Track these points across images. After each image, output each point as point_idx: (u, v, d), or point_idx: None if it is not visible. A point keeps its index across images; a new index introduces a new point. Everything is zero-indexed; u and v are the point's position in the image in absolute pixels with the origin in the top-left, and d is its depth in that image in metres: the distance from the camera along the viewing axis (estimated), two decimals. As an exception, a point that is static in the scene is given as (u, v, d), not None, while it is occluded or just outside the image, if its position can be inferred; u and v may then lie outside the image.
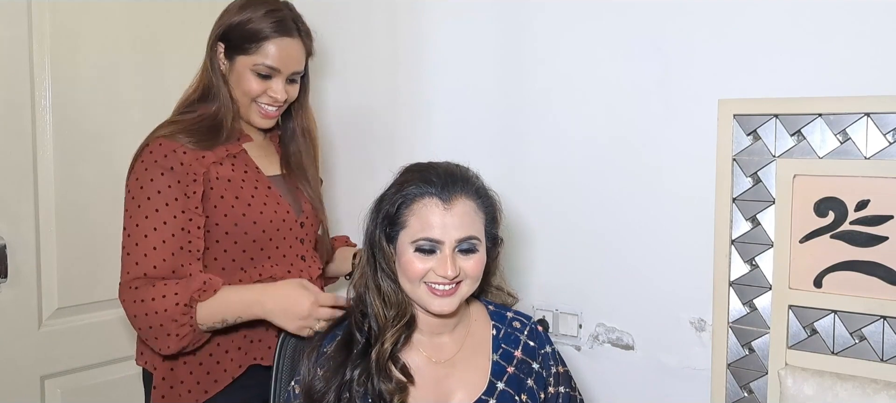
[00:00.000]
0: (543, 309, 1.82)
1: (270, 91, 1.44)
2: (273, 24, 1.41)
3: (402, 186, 1.20)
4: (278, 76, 1.44)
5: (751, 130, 1.52)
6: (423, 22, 1.93)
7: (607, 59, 1.69)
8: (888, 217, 1.41)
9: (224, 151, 1.43)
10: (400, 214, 1.19)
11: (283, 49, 1.42)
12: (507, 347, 1.27)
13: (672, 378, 1.66)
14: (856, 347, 1.45)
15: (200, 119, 1.42)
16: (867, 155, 1.42)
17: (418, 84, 1.96)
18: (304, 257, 1.51)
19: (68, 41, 1.73)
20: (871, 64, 1.41)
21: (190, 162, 1.36)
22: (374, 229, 1.22)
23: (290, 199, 1.51)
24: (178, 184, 1.35)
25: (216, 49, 1.45)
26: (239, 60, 1.43)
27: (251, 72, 1.42)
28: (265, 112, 1.46)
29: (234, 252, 1.41)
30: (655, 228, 1.65)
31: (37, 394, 1.73)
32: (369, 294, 1.21)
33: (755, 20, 1.51)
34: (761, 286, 1.53)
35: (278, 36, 1.42)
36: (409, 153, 1.94)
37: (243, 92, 1.44)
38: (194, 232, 1.36)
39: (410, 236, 1.17)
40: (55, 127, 1.71)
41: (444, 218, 1.17)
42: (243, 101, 1.45)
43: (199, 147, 1.38)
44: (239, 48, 1.42)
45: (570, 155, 1.75)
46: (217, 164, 1.41)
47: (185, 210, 1.35)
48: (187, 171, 1.36)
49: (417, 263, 1.17)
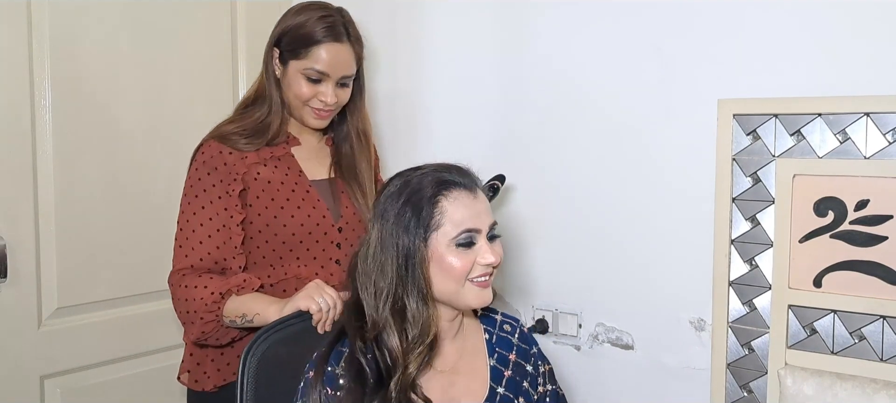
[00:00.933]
0: (543, 309, 1.82)
1: (320, 95, 1.47)
2: (323, 29, 1.45)
3: (421, 190, 1.13)
4: (328, 80, 1.47)
5: (751, 130, 1.52)
6: (423, 23, 1.93)
7: (607, 58, 1.69)
8: (888, 217, 1.41)
9: (269, 153, 1.49)
10: (430, 217, 1.12)
11: (332, 54, 1.46)
12: (501, 351, 1.26)
13: (672, 378, 1.66)
14: (855, 347, 1.45)
15: (252, 120, 1.49)
16: (867, 155, 1.42)
17: (418, 85, 1.96)
18: (338, 261, 1.51)
19: (68, 41, 1.73)
20: (871, 64, 1.41)
21: (233, 162, 1.45)
22: (413, 241, 1.11)
23: (331, 203, 1.53)
24: (221, 182, 1.44)
25: (272, 54, 1.50)
26: (291, 65, 1.47)
27: (302, 76, 1.46)
28: (317, 113, 1.49)
29: (265, 249, 1.47)
30: (655, 228, 1.66)
31: (37, 394, 1.73)
32: (388, 321, 1.12)
33: (755, 20, 1.52)
34: (761, 286, 1.53)
35: (328, 41, 1.45)
36: (410, 154, 1.96)
37: (295, 95, 1.48)
38: (234, 229, 1.44)
39: (448, 235, 1.12)
40: (55, 127, 1.71)
41: (475, 206, 1.14)
42: (296, 104, 1.49)
43: (245, 148, 1.46)
44: (291, 53, 1.47)
45: (570, 155, 1.75)
46: (259, 165, 1.47)
47: (227, 207, 1.44)
48: (230, 171, 1.44)
49: (462, 260, 1.12)
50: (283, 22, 1.50)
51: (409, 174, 1.18)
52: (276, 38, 1.50)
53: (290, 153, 1.52)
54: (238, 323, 1.40)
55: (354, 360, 1.12)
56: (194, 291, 1.40)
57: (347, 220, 1.54)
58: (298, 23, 1.47)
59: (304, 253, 1.50)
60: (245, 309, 1.39)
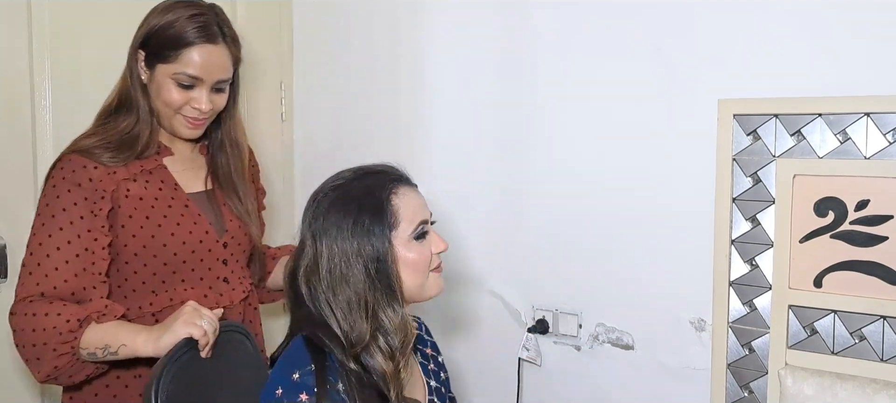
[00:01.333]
0: (543, 309, 1.82)
1: (194, 102, 1.33)
2: (195, 29, 1.30)
3: (371, 193, 1.13)
4: (201, 85, 1.33)
5: (751, 130, 1.52)
6: (424, 25, 1.93)
7: (608, 59, 1.69)
8: (888, 217, 1.41)
9: (139, 167, 1.34)
10: (389, 216, 1.13)
11: (206, 56, 1.31)
12: (421, 348, 1.30)
13: (672, 378, 1.66)
14: (856, 347, 1.45)
15: (117, 132, 1.34)
16: (867, 155, 1.42)
17: (419, 86, 1.96)
18: (227, 279, 1.42)
19: (68, 41, 1.73)
20: (871, 64, 1.42)
21: (100, 177, 1.29)
22: (382, 244, 1.11)
23: (213, 217, 1.41)
24: (85, 201, 1.27)
25: (136, 57, 1.35)
26: (159, 69, 1.32)
27: (172, 82, 1.32)
28: (191, 122, 1.36)
29: (144, 274, 1.33)
30: (655, 228, 1.66)
31: (37, 394, 1.73)
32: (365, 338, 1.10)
33: (755, 20, 1.52)
34: (761, 286, 1.53)
35: (201, 43, 1.31)
36: (410, 154, 1.96)
37: (165, 102, 1.33)
38: (98, 253, 1.28)
39: (405, 232, 1.13)
40: (55, 127, 1.71)
41: (419, 198, 1.17)
42: (166, 112, 1.35)
43: (113, 162, 1.30)
44: (159, 56, 1.32)
45: (571, 155, 1.75)
46: (129, 181, 1.32)
47: (91, 229, 1.27)
48: (96, 188, 1.28)
49: (422, 253, 1.15)
50: (148, 21, 1.34)
51: (340, 183, 1.16)
52: (140, 39, 1.34)
53: (163, 165, 1.38)
54: (98, 356, 1.22)
55: (359, 378, 1.10)
56: (44, 320, 1.20)
57: (233, 234, 1.43)
58: (166, 22, 1.31)
59: (189, 275, 1.36)
60: (108, 339, 1.22)
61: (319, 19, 2.08)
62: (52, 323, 1.21)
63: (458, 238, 1.92)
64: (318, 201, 1.15)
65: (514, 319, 1.86)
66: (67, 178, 1.28)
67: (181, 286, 1.36)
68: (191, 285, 1.37)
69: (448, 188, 1.92)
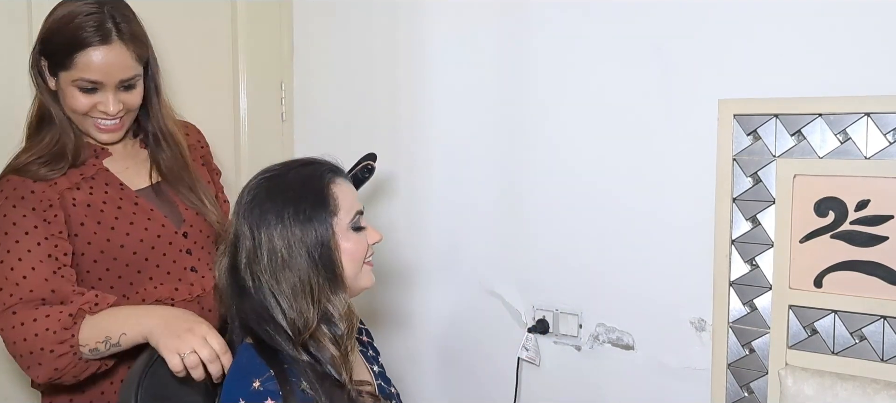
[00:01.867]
0: (543, 309, 1.82)
1: (100, 105, 1.29)
2: (88, 32, 1.24)
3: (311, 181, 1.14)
4: (104, 88, 1.28)
5: (751, 130, 1.52)
6: (424, 25, 1.93)
7: (607, 58, 1.69)
8: (888, 217, 1.41)
9: (78, 175, 1.31)
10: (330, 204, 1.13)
11: (101, 58, 1.25)
12: (358, 335, 1.31)
13: (672, 378, 1.66)
14: (856, 347, 1.45)
15: (44, 145, 1.30)
16: (867, 155, 1.42)
17: (419, 86, 1.96)
18: (194, 268, 1.39)
19: (68, 41, 1.73)
20: (871, 64, 1.41)
21: (42, 189, 1.26)
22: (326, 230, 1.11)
23: (167, 210, 1.39)
24: (33, 212, 1.24)
25: (40, 64, 1.30)
26: (61, 77, 1.28)
27: (75, 88, 1.27)
28: (103, 126, 1.32)
29: (110, 278, 1.31)
30: (656, 228, 1.65)
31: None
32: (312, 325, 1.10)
33: (755, 20, 1.51)
34: (761, 286, 1.53)
35: (94, 45, 1.25)
36: (411, 155, 1.96)
37: (71, 109, 1.29)
38: (62, 259, 1.24)
39: (343, 221, 1.14)
40: (55, 127, 1.71)
41: (353, 191, 1.18)
42: (77, 118, 1.31)
43: (51, 174, 1.28)
44: (59, 63, 1.27)
45: (571, 154, 1.75)
46: (73, 189, 1.30)
47: (48, 236, 1.24)
48: (40, 199, 1.25)
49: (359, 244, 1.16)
50: (44, 26, 1.29)
51: (274, 174, 1.16)
52: (39, 47, 1.30)
53: (104, 167, 1.34)
54: (101, 350, 1.20)
55: (314, 369, 1.10)
56: (34, 325, 1.17)
57: (191, 223, 1.40)
58: (58, 27, 1.26)
59: (155, 272, 1.34)
60: (107, 330, 1.19)
61: (319, 19, 2.07)
62: (43, 326, 1.17)
63: (458, 238, 1.93)
64: (254, 192, 1.14)
65: (514, 319, 1.86)
66: (9, 197, 1.25)
67: (150, 283, 1.34)
68: (159, 281, 1.35)
69: (448, 188, 1.93)
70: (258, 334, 1.11)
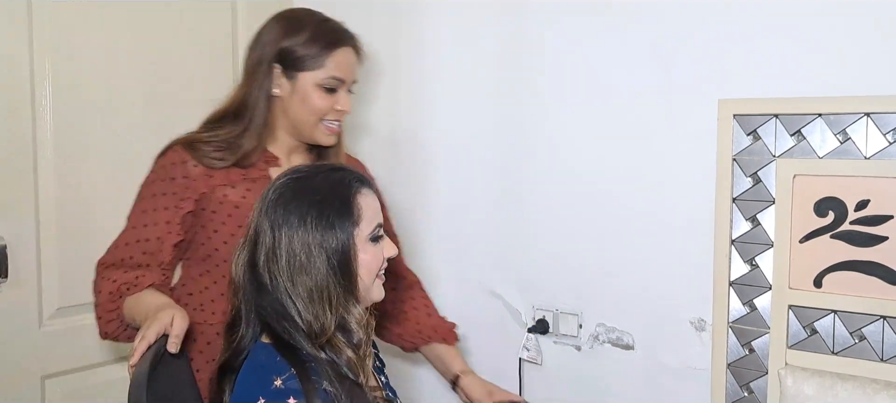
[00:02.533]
0: (544, 309, 1.82)
1: (337, 104, 1.39)
2: (341, 33, 1.40)
3: (337, 188, 1.12)
4: (343, 87, 1.40)
5: (751, 130, 1.52)
6: (424, 25, 1.93)
7: (607, 59, 1.69)
8: (888, 217, 1.41)
9: (240, 175, 1.37)
10: (354, 213, 1.12)
11: (346, 57, 1.39)
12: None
13: (672, 378, 1.66)
14: (856, 347, 1.45)
15: (223, 134, 1.37)
16: (867, 155, 1.42)
17: (420, 86, 1.96)
18: None
19: (69, 41, 1.73)
20: (871, 64, 1.41)
21: (195, 177, 1.34)
22: (347, 238, 1.11)
23: None
24: (173, 195, 1.33)
25: (270, 71, 1.38)
26: (302, 79, 1.36)
27: (319, 89, 1.37)
28: (332, 128, 1.41)
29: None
30: (656, 228, 1.66)
31: (37, 395, 1.73)
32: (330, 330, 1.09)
33: (755, 20, 1.51)
34: (761, 286, 1.53)
35: (343, 45, 1.39)
36: (410, 154, 1.96)
37: (311, 111, 1.38)
38: (166, 247, 1.33)
39: (364, 232, 1.13)
40: (55, 127, 1.71)
41: (376, 202, 1.17)
42: (309, 122, 1.39)
43: (214, 163, 1.35)
44: (304, 66, 1.36)
45: (571, 155, 1.75)
46: (227, 186, 1.36)
47: (169, 221, 1.33)
48: (188, 185, 1.33)
49: (376, 256, 1.15)
50: (281, 39, 1.37)
51: (302, 176, 1.15)
52: (275, 55, 1.37)
53: (268, 175, 1.38)
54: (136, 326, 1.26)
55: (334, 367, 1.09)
56: (101, 284, 1.33)
57: None
58: (307, 35, 1.37)
59: None
60: (133, 312, 1.27)
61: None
62: (107, 289, 1.31)
63: (458, 238, 1.93)
64: (280, 190, 1.13)
65: (514, 319, 1.87)
66: (165, 168, 1.35)
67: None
68: None
69: (448, 188, 1.93)
70: (276, 331, 1.11)
